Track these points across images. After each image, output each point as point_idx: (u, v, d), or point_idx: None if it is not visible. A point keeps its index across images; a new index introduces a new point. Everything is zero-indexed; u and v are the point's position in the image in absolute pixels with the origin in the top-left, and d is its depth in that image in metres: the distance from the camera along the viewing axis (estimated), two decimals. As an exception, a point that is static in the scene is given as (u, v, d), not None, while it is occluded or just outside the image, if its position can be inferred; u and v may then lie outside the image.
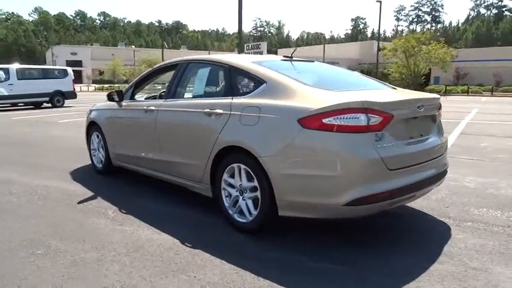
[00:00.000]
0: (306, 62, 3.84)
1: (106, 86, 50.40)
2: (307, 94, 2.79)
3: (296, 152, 2.70)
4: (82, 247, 2.87)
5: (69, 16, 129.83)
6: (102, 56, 73.93)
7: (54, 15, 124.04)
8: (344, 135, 2.55)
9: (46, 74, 18.00)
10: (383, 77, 38.43)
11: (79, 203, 3.90)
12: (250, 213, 3.01)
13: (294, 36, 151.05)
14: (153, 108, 3.91)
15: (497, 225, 3.26)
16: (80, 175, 5.06)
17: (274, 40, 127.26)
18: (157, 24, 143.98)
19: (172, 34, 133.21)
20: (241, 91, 3.26)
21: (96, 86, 53.84)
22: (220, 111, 3.17)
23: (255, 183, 2.91)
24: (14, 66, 17.19)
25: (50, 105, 17.72)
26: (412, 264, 2.58)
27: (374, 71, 37.17)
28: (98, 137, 5.01)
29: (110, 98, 4.49)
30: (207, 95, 3.77)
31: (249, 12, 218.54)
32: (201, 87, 3.89)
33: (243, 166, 2.98)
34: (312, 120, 2.60)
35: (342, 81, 3.62)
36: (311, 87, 2.90)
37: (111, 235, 3.09)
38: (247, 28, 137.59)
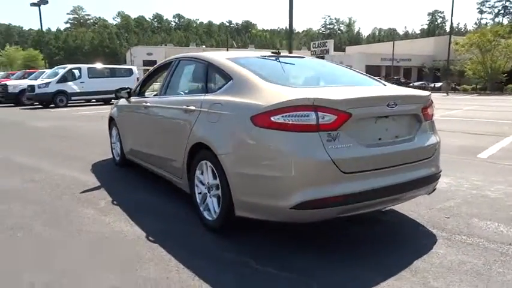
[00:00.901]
0: (292, 59, 3.69)
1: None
2: (266, 91, 2.67)
3: (248, 151, 2.62)
4: (56, 233, 3.06)
5: (147, 19, 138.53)
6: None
7: (135, 18, 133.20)
8: (292, 135, 2.41)
9: (113, 73, 19.44)
10: (459, 74, 35.50)
11: (82, 192, 4.15)
12: (215, 211, 2.98)
13: (365, 33, 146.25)
14: (148, 104, 4.04)
15: (496, 241, 2.85)
16: (99, 167, 5.38)
17: (343, 38, 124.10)
18: (227, 24, 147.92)
19: (242, 34, 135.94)
20: (213, 88, 3.24)
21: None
22: (193, 107, 3.17)
23: (217, 181, 2.87)
24: (86, 66, 18.80)
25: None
26: (365, 278, 2.35)
27: (450, 67, 34.53)
28: (115, 131, 5.29)
29: (117, 94, 4.71)
30: (189, 91, 3.79)
31: (318, 9, 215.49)
32: (185, 84, 3.93)
33: (208, 163, 2.96)
34: (262, 118, 2.49)
35: (317, 78, 3.45)
36: (273, 84, 2.76)
37: (90, 225, 3.24)
38: (316, 26, 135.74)
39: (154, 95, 4.39)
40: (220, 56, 3.37)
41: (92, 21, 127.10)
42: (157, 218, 3.39)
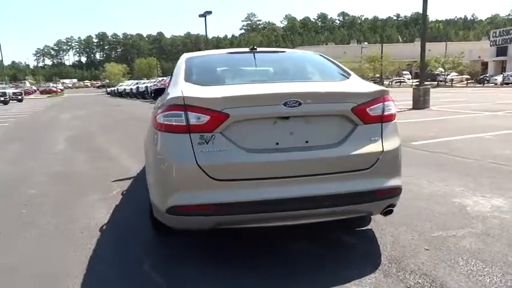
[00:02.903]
0: (267, 53, 3.38)
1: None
2: (172, 91, 2.45)
3: (148, 151, 2.56)
4: (57, 221, 3.50)
5: (312, 19, 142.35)
6: (335, 54, 77.72)
7: (300, 19, 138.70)
8: (166, 135, 2.22)
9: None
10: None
11: (113, 181, 4.59)
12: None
13: None
14: None
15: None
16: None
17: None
18: (395, 18, 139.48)
19: (410, 27, 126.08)
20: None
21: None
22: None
23: None
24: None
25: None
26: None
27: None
28: None
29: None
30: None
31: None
32: None
33: None
34: (155, 119, 2.35)
35: (257, 75, 3.08)
36: (189, 83, 2.53)
37: (91, 212, 3.47)
38: (504, 11, 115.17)
39: None
40: (184, 56, 3.27)
41: (262, 26, 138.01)
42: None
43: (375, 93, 2.33)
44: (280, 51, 3.49)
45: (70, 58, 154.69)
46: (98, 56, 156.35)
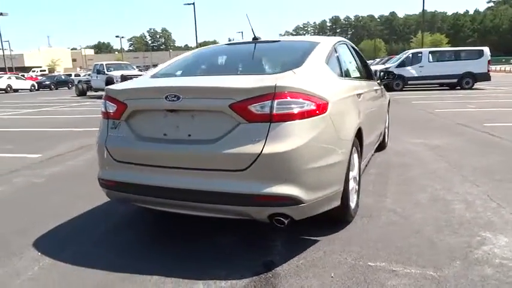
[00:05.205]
0: (260, 44, 3.40)
1: None
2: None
3: None
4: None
5: None
6: None
7: None
8: (101, 120, 2.74)
9: (458, 56, 18.04)
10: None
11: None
12: None
13: None
14: None
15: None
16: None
17: None
18: None
19: None
20: None
21: None
22: None
23: None
24: (428, 49, 18.51)
25: (459, 87, 17.66)
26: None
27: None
28: None
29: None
30: None
31: None
32: None
33: None
34: None
35: (217, 68, 3.29)
36: (152, 77, 3.02)
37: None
38: None
39: None
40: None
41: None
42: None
43: (260, 89, 2.18)
44: (274, 41, 3.48)
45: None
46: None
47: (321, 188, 2.37)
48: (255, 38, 3.39)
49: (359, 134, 3.04)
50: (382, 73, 4.85)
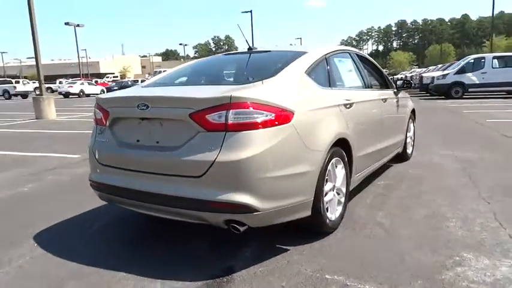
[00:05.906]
0: (253, 54, 3.47)
1: None
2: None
3: None
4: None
5: None
6: None
7: None
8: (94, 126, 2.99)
9: (526, 61, 16.55)
10: None
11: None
12: None
13: None
14: None
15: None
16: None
17: None
18: None
19: None
20: None
21: None
22: None
23: None
24: (491, 55, 17.17)
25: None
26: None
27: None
28: None
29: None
30: None
31: None
32: None
33: None
34: None
35: (189, 78, 3.35)
36: (140, 87, 3.25)
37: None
38: None
39: None
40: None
41: None
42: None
43: (216, 99, 2.28)
44: (266, 51, 3.52)
45: (368, 47, 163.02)
46: (394, 44, 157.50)
47: (280, 197, 2.39)
48: (250, 48, 3.49)
49: (345, 145, 3.00)
50: (399, 81, 4.73)
